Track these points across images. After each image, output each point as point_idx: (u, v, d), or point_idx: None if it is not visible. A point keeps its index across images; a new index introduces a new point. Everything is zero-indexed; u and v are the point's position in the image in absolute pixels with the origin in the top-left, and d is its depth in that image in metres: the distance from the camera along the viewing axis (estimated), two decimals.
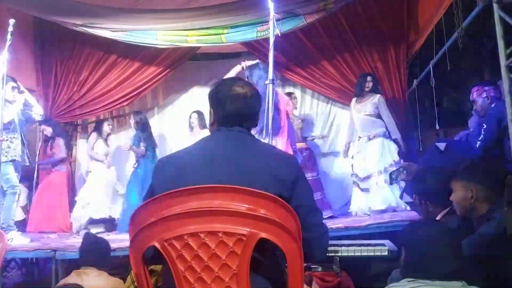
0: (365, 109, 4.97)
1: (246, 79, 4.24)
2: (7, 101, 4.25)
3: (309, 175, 4.91)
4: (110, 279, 2.73)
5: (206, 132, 4.96)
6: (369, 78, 5.05)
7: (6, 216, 4.29)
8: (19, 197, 4.57)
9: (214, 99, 1.64)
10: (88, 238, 3.05)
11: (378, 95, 5.02)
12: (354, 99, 5.10)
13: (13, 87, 4.42)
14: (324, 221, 1.64)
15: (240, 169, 1.46)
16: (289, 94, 5.40)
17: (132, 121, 5.62)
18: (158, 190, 1.46)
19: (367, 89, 5.00)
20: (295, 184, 1.48)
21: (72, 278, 2.73)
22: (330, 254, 2.52)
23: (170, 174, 1.52)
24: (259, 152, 1.57)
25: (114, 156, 5.89)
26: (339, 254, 2.05)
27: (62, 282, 2.80)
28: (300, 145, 5.21)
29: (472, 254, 1.80)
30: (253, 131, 1.70)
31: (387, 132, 4.98)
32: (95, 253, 2.84)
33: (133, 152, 5.57)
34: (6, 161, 4.22)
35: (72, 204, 5.41)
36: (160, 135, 6.08)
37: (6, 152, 4.27)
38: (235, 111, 1.58)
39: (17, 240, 4.21)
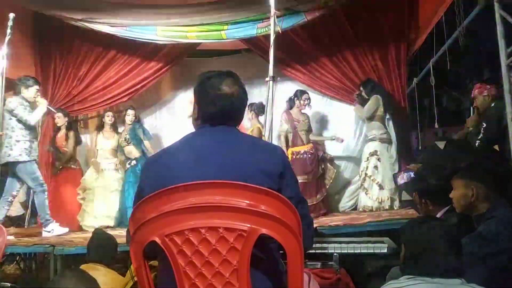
0: (362, 112, 5.18)
1: None
2: (30, 103, 4.44)
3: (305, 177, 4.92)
4: (120, 278, 2.71)
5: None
6: (361, 88, 5.26)
7: (42, 212, 4.47)
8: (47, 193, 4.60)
9: (200, 97, 1.63)
10: (99, 234, 3.03)
11: (372, 96, 5.16)
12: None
13: (37, 90, 4.52)
14: (321, 218, 1.64)
15: (227, 165, 1.46)
16: (303, 93, 5.31)
17: (131, 118, 5.60)
18: (146, 191, 1.45)
19: (365, 96, 5.20)
20: (282, 176, 1.49)
21: None
22: (329, 251, 2.54)
23: (158, 174, 1.51)
24: (244, 146, 1.57)
25: None
26: (339, 251, 2.06)
27: None
28: (302, 148, 5.17)
29: (472, 252, 1.81)
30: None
31: (384, 134, 5.12)
32: (104, 250, 2.82)
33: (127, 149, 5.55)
34: (31, 160, 4.38)
35: None
36: (160, 131, 6.07)
37: (29, 151, 4.38)
38: (221, 111, 1.57)
39: (57, 231, 4.40)
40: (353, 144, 5.69)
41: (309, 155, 5.11)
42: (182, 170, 1.48)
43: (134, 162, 5.44)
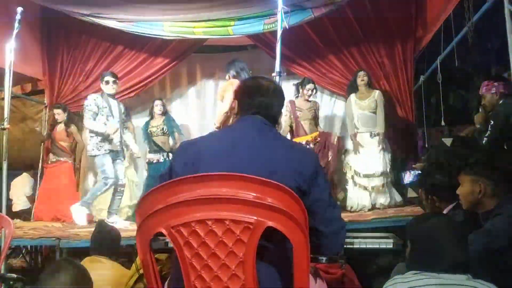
0: (369, 105, 4.99)
1: (227, 75, 4.29)
2: (110, 96, 4.62)
3: None
4: (125, 271, 2.71)
5: None
6: (361, 73, 5.08)
7: (90, 197, 4.68)
8: (110, 188, 4.67)
9: (240, 91, 1.74)
10: (102, 227, 3.04)
11: (378, 91, 5.07)
12: (353, 95, 5.08)
13: (106, 82, 4.62)
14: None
15: (260, 159, 1.49)
16: (308, 82, 5.13)
17: (160, 108, 5.59)
18: (177, 172, 1.51)
19: (362, 83, 5.03)
20: (314, 178, 1.50)
21: (85, 265, 2.73)
22: None
23: (190, 157, 1.55)
24: (280, 144, 1.60)
25: None
26: (344, 246, 2.05)
27: None
28: (304, 138, 5.02)
29: (479, 248, 1.80)
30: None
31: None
32: (107, 242, 2.82)
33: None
34: (103, 154, 4.53)
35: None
36: None
37: (100, 146, 4.52)
38: (258, 101, 1.65)
39: (81, 220, 4.58)
40: None
41: (313, 146, 4.97)
42: (214, 158, 1.51)
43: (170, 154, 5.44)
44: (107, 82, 4.61)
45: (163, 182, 1.43)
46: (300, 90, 5.18)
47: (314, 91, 5.19)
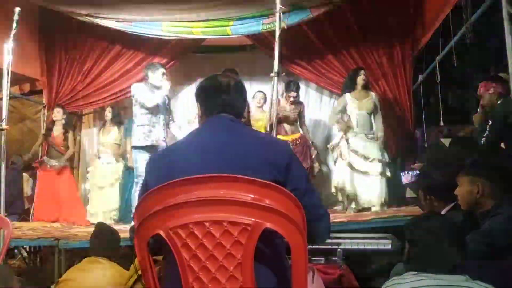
0: (367, 106, 4.78)
1: None
2: (155, 87, 4.44)
3: None
4: (123, 271, 2.71)
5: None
6: (363, 71, 4.87)
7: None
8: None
9: (200, 93, 1.68)
10: (101, 228, 3.03)
11: (374, 93, 4.93)
12: (349, 94, 4.84)
13: (163, 73, 4.52)
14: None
15: (232, 156, 1.47)
16: (290, 90, 5.02)
17: None
18: (151, 185, 1.46)
19: (363, 82, 4.80)
20: (288, 168, 1.48)
21: (83, 265, 2.74)
22: (333, 247, 2.54)
23: (163, 168, 1.53)
24: (250, 138, 1.58)
25: None
26: (342, 246, 2.05)
27: (75, 267, 2.81)
28: (285, 137, 4.80)
29: (478, 248, 1.80)
30: None
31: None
32: (106, 243, 2.82)
33: None
34: (146, 146, 4.31)
35: None
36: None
37: (147, 136, 4.33)
38: (220, 100, 1.61)
39: None
40: None
41: (293, 146, 4.72)
42: (186, 163, 1.49)
43: None
44: (157, 72, 4.48)
45: None
46: (285, 93, 5.06)
47: (296, 98, 5.10)
